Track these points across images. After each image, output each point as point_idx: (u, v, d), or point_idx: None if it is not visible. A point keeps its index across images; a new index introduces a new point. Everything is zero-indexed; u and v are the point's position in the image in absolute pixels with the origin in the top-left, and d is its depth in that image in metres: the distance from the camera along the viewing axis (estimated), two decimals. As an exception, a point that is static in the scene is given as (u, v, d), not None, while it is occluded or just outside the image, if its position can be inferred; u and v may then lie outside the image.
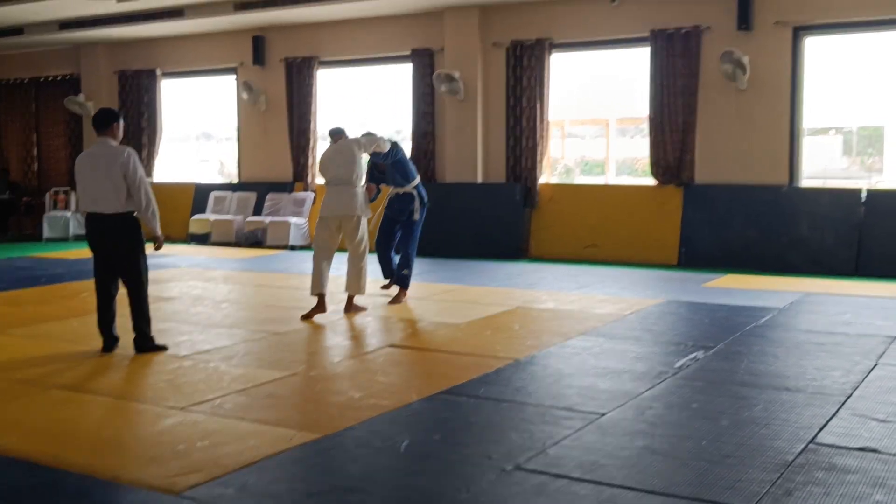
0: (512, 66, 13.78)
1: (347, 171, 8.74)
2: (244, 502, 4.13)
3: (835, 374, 6.36)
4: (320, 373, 6.61)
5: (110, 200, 7.07)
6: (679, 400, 5.74)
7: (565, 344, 7.42)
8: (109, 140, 7.21)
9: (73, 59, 18.20)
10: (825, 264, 11.76)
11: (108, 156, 7.09)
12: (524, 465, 4.56)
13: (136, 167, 7.08)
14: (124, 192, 7.06)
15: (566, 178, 15.32)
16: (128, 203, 7.10)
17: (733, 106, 12.44)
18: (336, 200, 8.73)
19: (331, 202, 8.75)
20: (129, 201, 7.11)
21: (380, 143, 9.04)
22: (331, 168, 8.80)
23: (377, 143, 9.02)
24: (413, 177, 9.47)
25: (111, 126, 7.24)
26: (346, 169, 8.74)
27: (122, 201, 7.07)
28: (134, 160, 7.09)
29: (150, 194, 7.17)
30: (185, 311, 9.17)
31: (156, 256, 13.92)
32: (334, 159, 8.81)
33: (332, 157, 8.85)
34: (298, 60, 15.58)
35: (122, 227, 7.15)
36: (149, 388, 6.19)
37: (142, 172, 7.14)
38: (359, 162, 8.88)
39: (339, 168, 8.75)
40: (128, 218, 7.15)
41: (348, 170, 8.75)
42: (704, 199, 12.68)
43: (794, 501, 4.06)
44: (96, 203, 7.12)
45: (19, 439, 5.09)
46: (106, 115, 7.31)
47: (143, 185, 7.11)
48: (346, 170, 8.74)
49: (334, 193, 8.75)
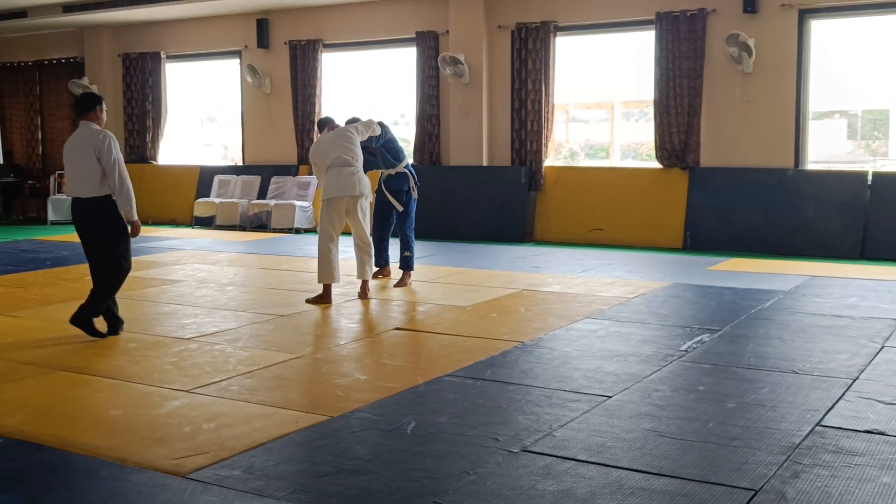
0: (517, 48, 13.74)
1: (350, 153, 8.67)
2: (251, 484, 4.13)
3: (841, 356, 6.35)
4: (326, 355, 6.61)
5: (87, 184, 7.01)
6: (685, 382, 5.74)
7: (571, 327, 7.41)
8: (91, 124, 7.12)
9: (77, 41, 18.17)
10: (831, 247, 11.75)
11: (86, 139, 7.03)
12: (531, 447, 4.57)
13: (111, 149, 6.98)
14: (99, 176, 6.98)
15: (571, 162, 15.27)
16: (103, 187, 7.02)
17: (739, 89, 12.40)
18: (345, 181, 8.59)
19: (339, 183, 8.60)
20: (106, 185, 7.03)
21: (373, 126, 9.03)
22: (332, 151, 8.66)
23: (371, 127, 9.00)
24: (403, 156, 9.48)
25: (93, 109, 7.15)
26: (348, 151, 8.67)
27: (97, 185, 6.99)
28: (109, 142, 6.99)
29: (124, 177, 7.03)
30: (191, 294, 9.17)
31: (160, 239, 13.94)
32: (335, 143, 8.71)
33: (330, 142, 8.74)
34: (303, 43, 15.54)
35: (98, 211, 7.07)
36: (155, 370, 6.20)
37: (117, 155, 7.02)
38: (358, 145, 8.82)
39: (340, 150, 8.65)
40: (104, 201, 7.06)
41: (351, 152, 8.68)
42: (710, 182, 12.66)
43: (800, 484, 4.06)
44: (76, 187, 7.10)
45: (26, 420, 5.11)
46: (88, 99, 7.24)
47: (118, 168, 6.99)
48: (349, 152, 8.67)
49: (340, 175, 8.61)
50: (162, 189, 17.35)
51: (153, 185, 17.47)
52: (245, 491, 4.05)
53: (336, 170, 8.63)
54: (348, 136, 8.77)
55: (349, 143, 8.72)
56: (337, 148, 8.67)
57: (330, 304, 8.53)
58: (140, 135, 17.62)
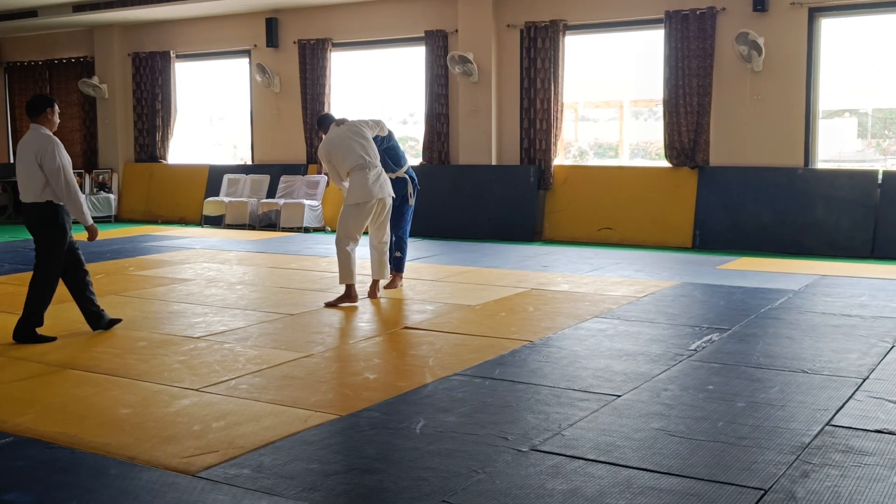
0: (526, 47, 13.74)
1: (369, 152, 8.43)
2: (260, 482, 4.14)
3: (851, 356, 6.33)
4: (335, 354, 6.62)
5: (29, 189, 6.94)
6: (694, 382, 5.73)
7: (580, 326, 7.41)
8: (41, 128, 7.01)
9: (87, 41, 18.22)
10: (841, 247, 11.72)
11: (31, 144, 6.92)
12: (540, 446, 4.56)
13: (54, 156, 6.84)
14: (40, 182, 6.86)
15: (580, 161, 15.26)
16: (45, 192, 6.90)
17: (748, 88, 12.38)
18: (373, 184, 8.36)
19: (369, 186, 8.33)
20: (48, 190, 6.91)
21: (382, 125, 8.83)
22: (351, 153, 8.36)
23: (381, 126, 8.80)
24: (404, 162, 9.23)
25: (44, 112, 7.04)
26: (366, 150, 8.42)
27: (38, 190, 6.89)
28: (52, 148, 6.86)
29: (70, 182, 6.92)
30: (200, 293, 9.19)
31: (170, 238, 13.97)
32: (350, 140, 8.42)
33: (345, 141, 8.43)
34: (312, 42, 15.56)
35: (38, 217, 6.99)
36: (164, 368, 6.21)
37: (61, 161, 6.88)
38: (373, 141, 8.58)
39: (359, 149, 8.38)
40: (44, 208, 6.95)
41: (370, 151, 8.45)
42: (719, 181, 12.64)
43: (810, 483, 4.05)
44: (22, 192, 7.04)
45: (36, 418, 5.12)
46: (38, 102, 7.11)
47: (63, 174, 6.87)
48: (368, 151, 8.43)
49: (367, 177, 8.34)
50: (171, 188, 17.39)
51: (163, 184, 17.52)
52: (254, 489, 4.06)
53: (361, 172, 8.36)
54: (362, 133, 8.51)
55: (365, 141, 8.46)
56: (355, 146, 8.40)
57: (355, 302, 8.47)
58: (150, 134, 17.66)
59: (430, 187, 13.50)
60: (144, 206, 17.65)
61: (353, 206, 8.42)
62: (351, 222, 8.44)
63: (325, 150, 8.58)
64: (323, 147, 8.64)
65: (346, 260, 8.42)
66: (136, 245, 13.40)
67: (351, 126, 8.59)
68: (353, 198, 8.40)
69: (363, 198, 8.37)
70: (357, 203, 8.39)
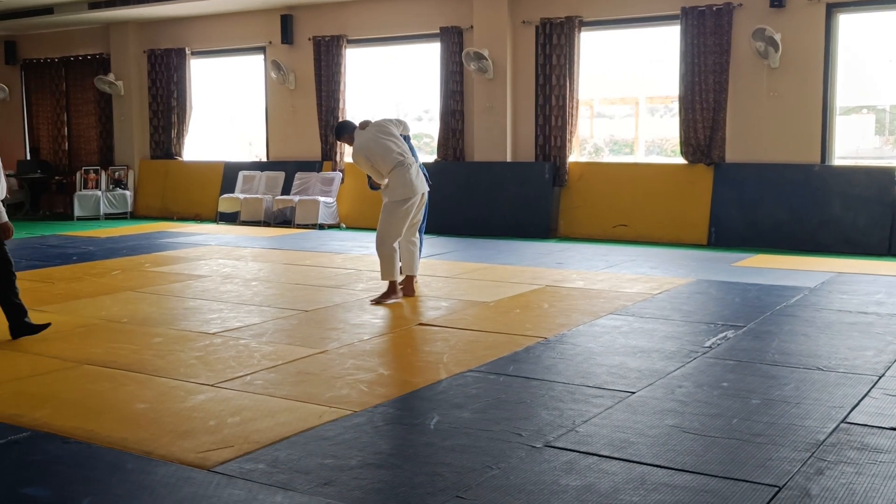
0: (541, 43, 13.71)
1: (404, 150, 8.51)
2: (275, 477, 4.15)
3: (867, 353, 6.31)
4: (350, 350, 6.63)
5: None
6: (709, 379, 5.72)
7: (595, 323, 7.40)
8: None
9: (103, 38, 18.29)
10: (858, 244, 11.67)
11: None
12: (554, 442, 4.57)
13: None
14: None
15: (595, 158, 15.24)
16: None
17: (765, 84, 12.33)
18: (416, 179, 8.46)
19: (412, 182, 8.42)
20: None
21: (405, 125, 8.86)
22: (389, 153, 8.39)
23: (403, 125, 8.81)
24: (417, 159, 9.31)
25: None
26: (402, 149, 8.50)
27: None
28: None
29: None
30: (215, 290, 9.22)
31: (185, 235, 14.02)
32: (385, 144, 8.44)
33: (379, 142, 8.45)
34: (327, 39, 15.58)
35: None
36: (180, 364, 6.24)
37: None
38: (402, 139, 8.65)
39: (396, 149, 8.44)
40: None
41: (404, 148, 8.53)
42: (735, 178, 12.60)
43: (825, 481, 4.04)
44: None
45: (53, 413, 5.16)
46: None
47: None
48: (403, 149, 8.51)
49: (409, 174, 8.42)
50: (187, 185, 17.45)
51: (178, 180, 17.57)
52: (269, 484, 4.08)
53: (401, 169, 8.40)
54: (391, 131, 8.56)
55: (396, 139, 8.53)
56: (391, 145, 8.44)
57: (400, 297, 8.51)
58: (165, 131, 17.72)
59: (445, 184, 13.50)
60: (160, 202, 17.71)
61: (398, 202, 8.43)
62: (398, 220, 8.45)
63: (364, 155, 8.51)
64: (360, 153, 8.54)
65: (393, 257, 8.45)
66: (151, 241, 13.46)
67: (378, 127, 8.60)
68: (399, 195, 8.42)
69: (408, 194, 8.42)
70: (403, 199, 8.43)
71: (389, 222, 8.46)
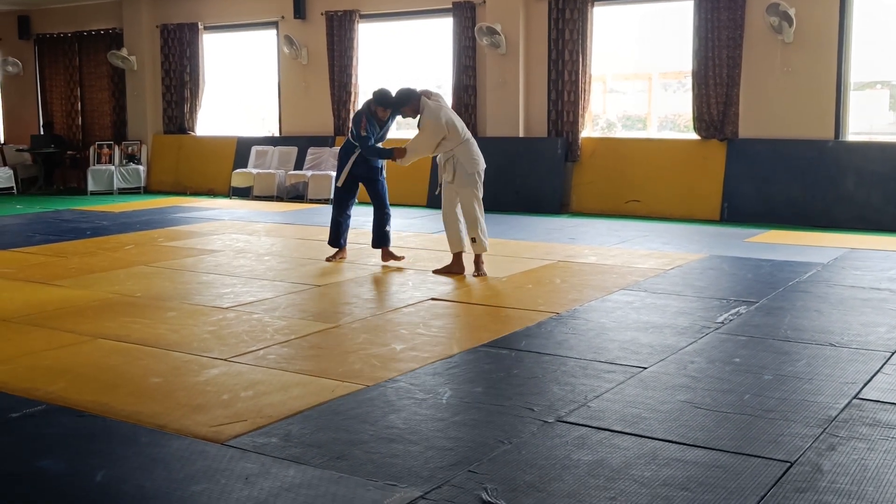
0: (554, 18, 13.64)
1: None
2: (288, 451, 4.18)
3: (880, 329, 6.30)
4: (363, 325, 6.65)
5: None
6: (721, 354, 5.72)
7: (607, 298, 7.41)
8: None
9: (116, 13, 18.27)
10: (871, 220, 11.63)
11: None
12: (566, 417, 4.58)
13: None
14: None
15: (608, 133, 15.19)
16: None
17: (779, 59, 12.25)
18: (480, 151, 8.62)
19: (480, 154, 8.60)
20: None
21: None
22: (460, 125, 8.49)
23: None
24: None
25: None
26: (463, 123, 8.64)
27: None
28: None
29: None
30: (228, 264, 9.25)
31: (198, 209, 14.04)
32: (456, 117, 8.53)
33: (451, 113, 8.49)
34: (339, 14, 15.53)
35: None
36: (193, 338, 6.27)
37: None
38: None
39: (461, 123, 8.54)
40: None
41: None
42: (748, 154, 12.55)
43: (837, 456, 4.05)
44: None
45: (67, 387, 5.19)
46: None
47: None
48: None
49: (475, 146, 8.57)
50: (200, 160, 17.46)
51: (191, 155, 17.59)
52: (282, 458, 4.10)
53: (468, 143, 8.48)
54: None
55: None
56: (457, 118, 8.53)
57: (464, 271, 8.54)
58: (178, 106, 17.72)
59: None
60: (173, 177, 17.74)
61: (475, 174, 8.52)
62: (474, 190, 8.52)
63: (445, 119, 8.34)
64: (440, 118, 8.31)
65: (458, 229, 8.55)
66: (165, 216, 13.49)
67: (439, 101, 8.55)
68: (474, 166, 8.50)
69: (479, 166, 8.56)
70: (479, 172, 8.55)
71: (469, 194, 8.50)
